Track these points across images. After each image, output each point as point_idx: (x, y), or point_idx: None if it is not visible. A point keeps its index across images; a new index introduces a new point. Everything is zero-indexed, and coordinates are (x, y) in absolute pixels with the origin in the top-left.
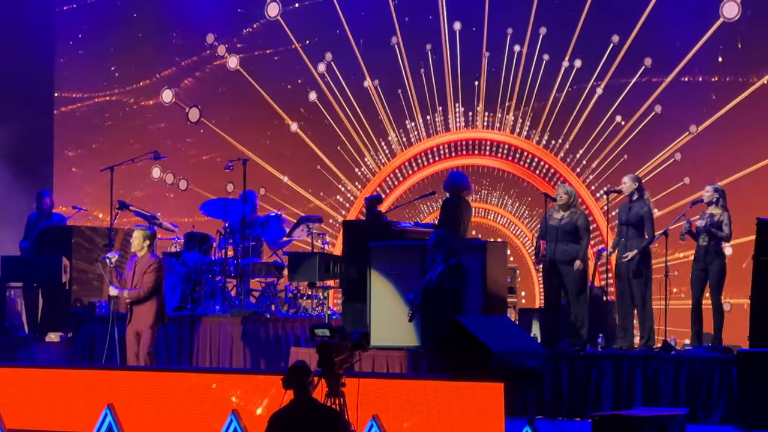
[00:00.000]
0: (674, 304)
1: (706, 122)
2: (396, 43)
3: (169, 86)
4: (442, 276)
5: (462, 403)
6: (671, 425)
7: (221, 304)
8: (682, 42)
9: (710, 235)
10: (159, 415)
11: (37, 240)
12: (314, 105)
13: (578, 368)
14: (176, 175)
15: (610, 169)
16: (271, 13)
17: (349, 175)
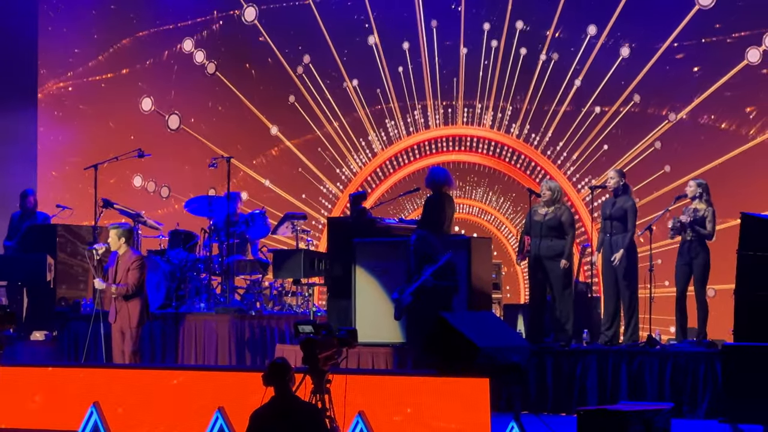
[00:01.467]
0: (658, 292)
1: (684, 110)
2: (374, 43)
3: (148, 94)
4: (438, 274)
5: (448, 398)
6: (656, 419)
7: (206, 302)
8: (658, 31)
9: (693, 230)
10: (145, 413)
11: (21, 239)
12: (293, 107)
13: (563, 363)
14: (158, 183)
15: (590, 160)
16: (248, 17)
17: (331, 176)
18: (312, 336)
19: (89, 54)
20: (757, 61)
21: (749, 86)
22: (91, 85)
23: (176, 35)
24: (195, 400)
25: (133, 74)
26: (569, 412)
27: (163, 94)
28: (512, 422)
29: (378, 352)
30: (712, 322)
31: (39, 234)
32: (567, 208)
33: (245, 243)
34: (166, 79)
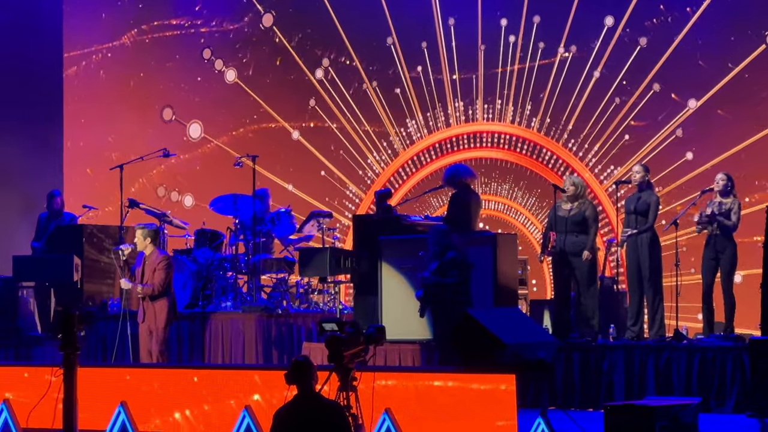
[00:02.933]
0: (686, 280)
1: (705, 96)
2: (392, 43)
3: (169, 103)
4: (439, 271)
5: (474, 395)
6: (683, 414)
7: (232, 301)
8: (676, 18)
9: (718, 223)
10: (172, 413)
11: (48, 240)
12: (314, 111)
13: (590, 359)
14: (181, 191)
15: (612, 150)
16: (266, 23)
17: (354, 177)
18: (337, 334)
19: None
20: None
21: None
22: (117, 87)
23: (197, 43)
24: (222, 399)
25: (153, 79)
26: (596, 408)
27: (184, 102)
28: (539, 418)
29: (405, 349)
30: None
31: (66, 234)
32: (591, 203)
33: (271, 241)
34: (188, 88)
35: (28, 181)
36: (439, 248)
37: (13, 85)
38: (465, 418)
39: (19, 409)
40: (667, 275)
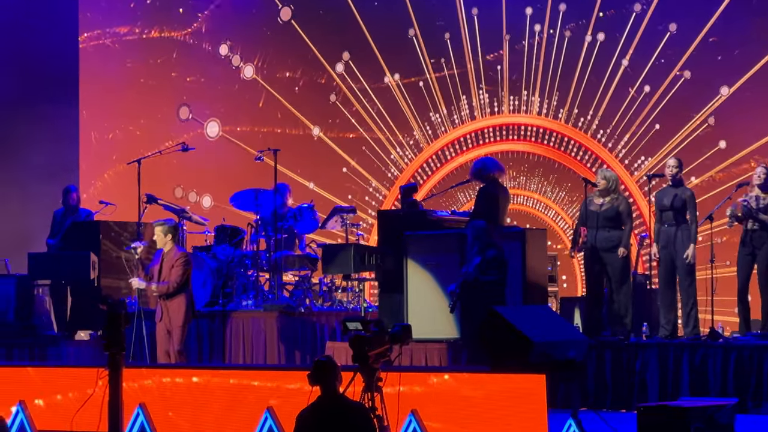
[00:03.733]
0: (721, 272)
1: (737, 83)
2: (414, 35)
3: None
4: (480, 268)
5: (503, 396)
6: (719, 416)
7: (254, 299)
8: (705, 3)
9: (757, 220)
10: (192, 414)
11: (64, 236)
12: (335, 106)
13: (622, 358)
14: (199, 192)
15: (642, 141)
16: (283, 17)
17: (377, 174)
18: (361, 333)
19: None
20: None
21: None
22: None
23: (215, 39)
24: (243, 400)
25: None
26: (629, 409)
27: (202, 99)
28: (570, 420)
29: (431, 349)
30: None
31: (82, 231)
32: (624, 198)
33: (293, 238)
34: (207, 85)
35: (43, 177)
36: (481, 245)
37: (30, 77)
38: (493, 420)
39: (48, 410)
40: (701, 268)
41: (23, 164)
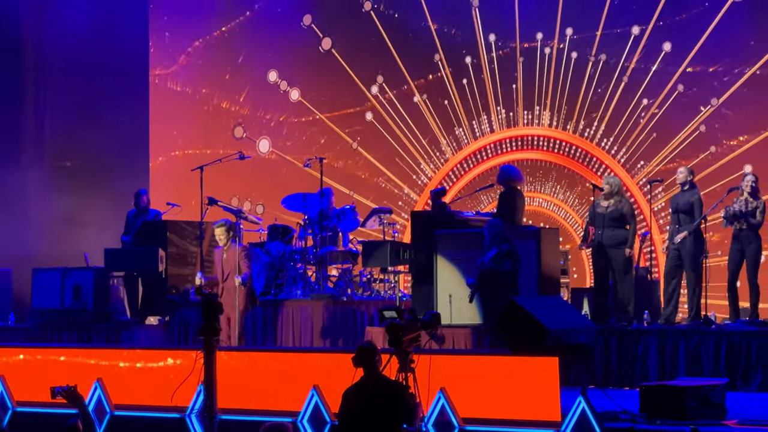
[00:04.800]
0: (713, 261)
1: (724, 95)
2: (439, 60)
3: (240, 122)
4: (495, 259)
5: (521, 376)
6: (712, 394)
7: (302, 289)
8: (696, 25)
9: (745, 221)
10: (250, 391)
11: (136, 234)
12: (371, 123)
13: (626, 342)
14: (253, 201)
15: (641, 148)
16: (324, 46)
17: (408, 182)
18: (396, 320)
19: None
20: None
21: None
22: (195, 105)
23: (262, 64)
24: (293, 379)
25: (226, 99)
26: (632, 387)
27: (254, 120)
28: (579, 396)
29: (458, 333)
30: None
31: (152, 229)
32: (627, 200)
33: (337, 235)
34: (257, 105)
35: (117, 181)
36: (495, 239)
37: (105, 89)
38: (512, 396)
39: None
40: None
41: (102, 170)
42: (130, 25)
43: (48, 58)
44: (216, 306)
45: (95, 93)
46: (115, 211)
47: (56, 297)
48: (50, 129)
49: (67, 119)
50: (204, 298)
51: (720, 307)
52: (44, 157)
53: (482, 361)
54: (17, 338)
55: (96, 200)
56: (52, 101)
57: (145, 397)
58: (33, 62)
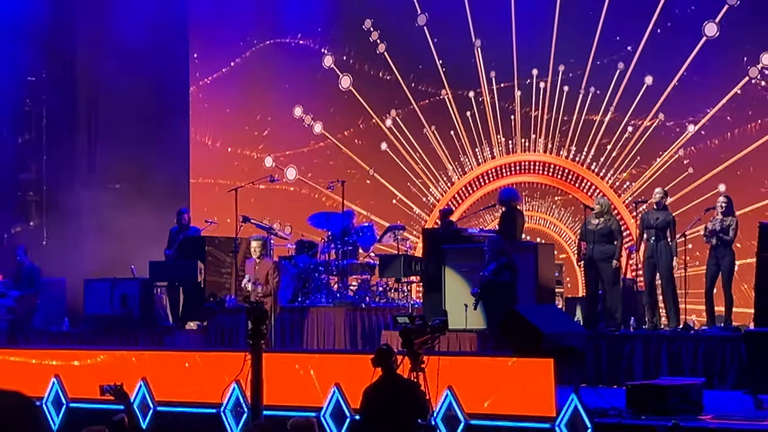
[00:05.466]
0: (692, 270)
1: (701, 122)
2: (445, 95)
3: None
4: (495, 271)
5: (520, 375)
6: (691, 392)
7: (326, 297)
8: (674, 60)
9: (719, 239)
10: (278, 388)
11: (178, 248)
12: (385, 153)
13: (614, 346)
14: (282, 222)
15: (627, 169)
16: (344, 84)
17: (418, 203)
18: (408, 325)
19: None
20: (757, 76)
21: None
22: (230, 139)
23: (289, 104)
24: (317, 377)
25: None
26: (620, 386)
27: (282, 150)
28: (572, 394)
29: (464, 337)
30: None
31: (192, 244)
32: (615, 219)
33: (356, 249)
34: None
35: (162, 201)
36: (494, 254)
37: (150, 121)
38: (512, 394)
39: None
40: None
41: (147, 191)
42: (173, 62)
43: (100, 92)
44: (263, 313)
45: (141, 124)
46: (159, 228)
47: (106, 304)
48: (101, 155)
49: (116, 147)
50: (252, 306)
51: (697, 311)
52: (96, 180)
53: (485, 361)
54: (71, 341)
55: (142, 218)
56: (103, 131)
57: (184, 394)
58: (86, 96)
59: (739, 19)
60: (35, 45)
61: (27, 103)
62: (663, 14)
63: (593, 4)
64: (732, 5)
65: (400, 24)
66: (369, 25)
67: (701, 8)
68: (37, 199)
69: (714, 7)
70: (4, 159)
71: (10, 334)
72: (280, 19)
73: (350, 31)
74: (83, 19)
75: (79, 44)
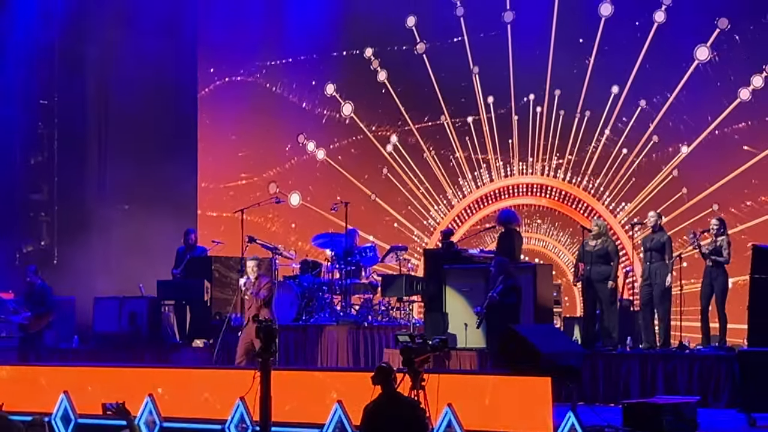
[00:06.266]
0: (688, 289)
1: (694, 143)
2: (444, 121)
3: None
4: (502, 293)
5: (518, 393)
6: (686, 410)
7: (329, 316)
8: (667, 83)
9: (712, 259)
10: (282, 405)
11: (185, 268)
12: (387, 177)
13: (611, 364)
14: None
15: (623, 191)
16: (345, 112)
17: (418, 225)
18: (409, 344)
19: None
20: (748, 97)
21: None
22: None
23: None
24: (319, 395)
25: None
26: (616, 404)
27: (285, 178)
28: (570, 412)
29: (464, 356)
30: None
31: (199, 264)
32: (612, 240)
33: (359, 269)
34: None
35: (169, 221)
36: (502, 275)
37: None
38: (511, 411)
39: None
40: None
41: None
42: (182, 85)
43: (110, 114)
44: (272, 332)
45: (151, 146)
46: (166, 247)
47: (114, 322)
48: (111, 176)
49: (126, 168)
50: (262, 325)
51: (692, 327)
52: (105, 201)
53: (484, 380)
54: (80, 358)
55: (150, 238)
56: (113, 152)
57: (191, 410)
58: (97, 119)
59: (730, 43)
60: (48, 69)
61: (39, 126)
62: (656, 39)
63: (588, 30)
64: (723, 29)
65: (400, 52)
66: (370, 54)
67: (693, 32)
68: (49, 219)
69: (705, 32)
70: (17, 180)
71: (21, 351)
72: (284, 47)
73: (352, 60)
74: (94, 43)
75: (90, 68)
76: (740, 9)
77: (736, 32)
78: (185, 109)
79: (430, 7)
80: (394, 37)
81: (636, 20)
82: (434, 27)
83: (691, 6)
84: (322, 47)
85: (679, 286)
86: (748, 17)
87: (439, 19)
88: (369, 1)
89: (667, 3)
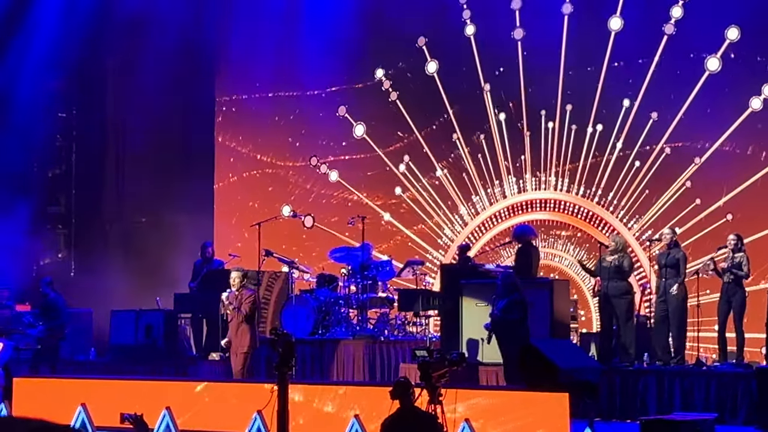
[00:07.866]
0: (704, 300)
1: (706, 153)
2: (456, 138)
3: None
4: (505, 309)
5: (536, 408)
6: (703, 427)
7: (346, 330)
8: (679, 95)
9: (732, 274)
10: (298, 417)
11: (202, 281)
12: (400, 197)
13: (628, 380)
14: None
15: (636, 203)
16: (357, 133)
17: (432, 243)
18: (426, 359)
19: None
20: (759, 107)
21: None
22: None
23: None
24: (336, 409)
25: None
26: (633, 420)
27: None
28: (587, 428)
29: (481, 370)
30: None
31: (216, 277)
32: (628, 256)
33: (376, 284)
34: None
35: (187, 235)
36: (506, 290)
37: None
38: (528, 427)
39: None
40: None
41: (172, 225)
42: (199, 101)
43: (128, 128)
44: (291, 345)
45: (167, 160)
46: (183, 260)
47: (131, 335)
48: (129, 189)
49: (143, 181)
50: (279, 338)
51: (708, 338)
52: (123, 214)
53: (502, 395)
54: (97, 370)
55: (167, 251)
56: (131, 165)
57: (208, 423)
58: (115, 132)
59: (740, 53)
60: (67, 82)
61: (58, 139)
62: (666, 51)
63: (598, 44)
64: (732, 40)
65: (411, 72)
66: (381, 75)
67: (703, 44)
68: (66, 231)
69: (715, 43)
70: (35, 192)
71: (34, 363)
72: (297, 69)
73: (364, 81)
74: (113, 56)
75: (109, 81)
76: (750, 19)
77: (745, 43)
78: (202, 123)
79: (440, 26)
80: (404, 58)
81: (646, 33)
82: (445, 46)
83: (700, 18)
84: (333, 70)
85: (696, 299)
86: (758, 27)
87: (450, 38)
88: (380, 21)
89: (677, 16)
